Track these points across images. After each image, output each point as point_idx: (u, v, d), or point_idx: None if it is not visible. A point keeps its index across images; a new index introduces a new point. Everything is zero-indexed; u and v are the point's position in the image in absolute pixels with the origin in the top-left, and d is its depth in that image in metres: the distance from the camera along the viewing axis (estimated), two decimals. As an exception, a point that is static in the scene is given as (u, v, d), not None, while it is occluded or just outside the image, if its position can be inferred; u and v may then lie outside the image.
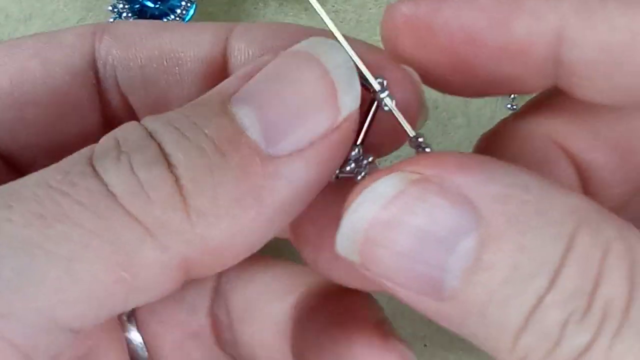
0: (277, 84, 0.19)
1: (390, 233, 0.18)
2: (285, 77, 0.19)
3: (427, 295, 0.17)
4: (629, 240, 0.17)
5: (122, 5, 0.34)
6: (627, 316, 0.16)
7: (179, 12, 0.34)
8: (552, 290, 0.16)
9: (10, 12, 0.36)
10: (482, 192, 0.17)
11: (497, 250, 0.17)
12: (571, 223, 0.17)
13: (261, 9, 0.36)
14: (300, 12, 0.36)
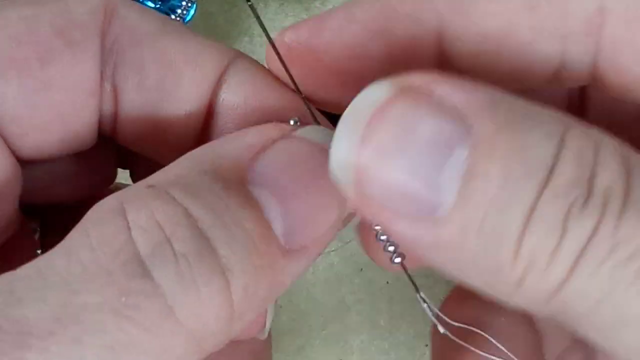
0: (298, 178, 0.19)
1: (382, 148, 0.17)
2: (306, 172, 0.19)
3: (423, 219, 0.17)
4: (615, 139, 0.17)
5: (122, 5, 0.34)
6: (629, 197, 0.16)
7: (179, 12, 0.34)
8: (549, 185, 0.16)
9: (10, 13, 0.36)
10: (470, 100, 0.17)
11: (489, 157, 0.16)
12: (560, 124, 0.17)
13: (262, 10, 0.36)
14: (300, 12, 0.36)
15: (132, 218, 0.17)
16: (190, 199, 0.18)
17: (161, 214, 0.18)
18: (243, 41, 0.36)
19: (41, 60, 0.21)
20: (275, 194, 0.19)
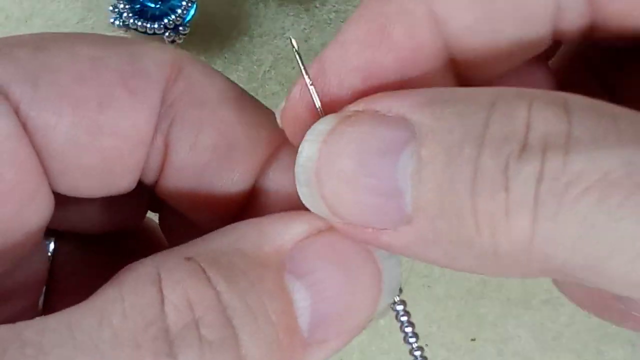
0: (335, 274, 0.19)
1: (336, 164, 0.18)
2: (344, 269, 0.20)
3: (395, 226, 0.18)
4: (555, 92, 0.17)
5: (122, 5, 0.34)
6: (570, 136, 0.16)
7: (179, 12, 0.34)
8: (483, 149, 0.16)
9: (10, 12, 0.36)
10: (411, 104, 0.18)
11: (431, 144, 0.17)
12: (492, 94, 0.17)
13: (262, 9, 0.36)
14: (300, 12, 0.36)
15: (167, 293, 0.18)
16: (225, 284, 0.18)
17: (194, 293, 0.18)
18: (243, 41, 0.36)
19: (99, 103, 0.21)
20: (309, 287, 0.19)
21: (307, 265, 0.19)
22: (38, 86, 0.20)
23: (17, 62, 0.21)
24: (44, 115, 0.20)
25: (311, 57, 0.36)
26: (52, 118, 0.20)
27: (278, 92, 0.35)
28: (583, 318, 0.34)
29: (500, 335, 0.34)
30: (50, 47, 0.21)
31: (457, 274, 0.34)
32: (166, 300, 0.18)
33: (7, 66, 0.20)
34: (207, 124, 0.22)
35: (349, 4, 0.36)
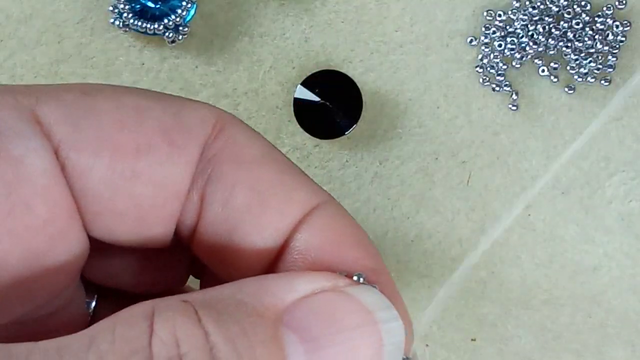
0: (332, 332, 0.19)
1: None
2: (342, 332, 0.19)
3: None
4: None
5: (122, 5, 0.34)
6: None
7: (179, 12, 0.34)
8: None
9: (10, 13, 0.35)
10: None
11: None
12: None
13: (262, 10, 0.36)
14: (301, 12, 0.36)
15: (157, 328, 0.18)
16: (215, 326, 0.18)
17: (182, 331, 0.18)
18: (243, 41, 0.36)
19: (137, 150, 0.21)
20: (304, 342, 0.19)
21: (305, 321, 0.19)
22: (80, 129, 0.21)
23: (64, 104, 0.21)
24: (82, 157, 0.21)
25: (311, 57, 0.36)
26: (90, 160, 0.21)
27: (278, 92, 0.35)
28: (583, 318, 0.34)
29: (501, 335, 0.34)
30: (96, 94, 0.22)
31: (457, 274, 0.34)
32: (154, 334, 0.18)
33: (54, 107, 0.21)
34: (243, 182, 0.22)
35: (349, 4, 0.36)
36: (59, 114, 0.21)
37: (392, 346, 0.20)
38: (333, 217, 0.23)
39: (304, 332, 0.19)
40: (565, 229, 0.34)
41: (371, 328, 0.20)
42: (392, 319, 0.20)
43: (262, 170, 0.23)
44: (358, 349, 0.19)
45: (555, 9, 0.35)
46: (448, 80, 0.35)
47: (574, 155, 0.35)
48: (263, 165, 0.23)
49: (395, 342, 0.20)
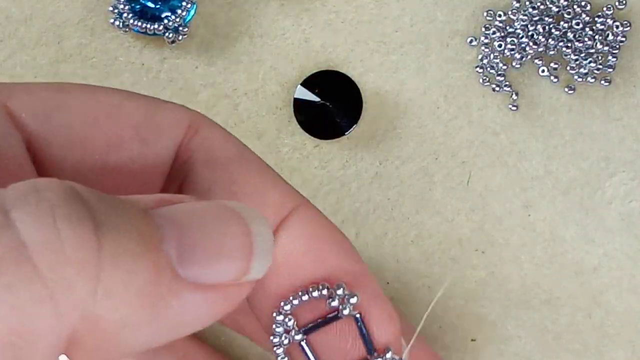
0: (203, 220, 0.19)
1: None
2: (213, 219, 0.19)
3: None
4: None
5: (122, 5, 0.34)
6: None
7: (179, 12, 0.34)
8: None
9: (10, 13, 0.36)
10: None
11: None
12: None
13: (262, 10, 0.36)
14: (301, 12, 0.36)
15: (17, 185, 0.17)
16: (85, 188, 0.18)
17: (45, 181, 0.17)
18: (243, 41, 0.36)
19: (108, 146, 0.22)
20: (173, 221, 0.19)
21: (174, 210, 0.19)
22: (51, 122, 0.21)
23: (37, 98, 0.21)
24: (53, 150, 0.21)
25: (311, 57, 0.36)
26: (60, 153, 0.21)
27: (278, 93, 0.35)
28: (584, 318, 0.34)
29: (501, 336, 0.34)
30: (71, 90, 0.22)
31: (457, 274, 0.34)
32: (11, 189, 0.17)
33: (27, 101, 0.21)
34: (218, 184, 0.22)
35: (349, 5, 0.36)
36: (32, 107, 0.21)
37: (262, 244, 0.20)
38: (311, 221, 0.23)
39: (175, 218, 0.19)
40: (565, 229, 0.34)
41: (240, 221, 0.20)
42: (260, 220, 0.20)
43: (237, 172, 0.23)
44: (225, 234, 0.19)
45: (555, 9, 0.35)
46: (448, 81, 0.35)
47: (574, 155, 0.35)
48: (238, 167, 0.23)
49: (265, 241, 0.20)
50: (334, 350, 0.23)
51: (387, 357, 0.23)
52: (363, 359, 0.23)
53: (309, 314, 0.23)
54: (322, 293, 0.23)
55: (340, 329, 0.23)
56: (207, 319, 0.19)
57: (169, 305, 0.18)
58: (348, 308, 0.23)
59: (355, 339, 0.23)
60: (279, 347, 0.23)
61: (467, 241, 0.35)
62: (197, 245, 0.19)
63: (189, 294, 0.18)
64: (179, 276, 0.18)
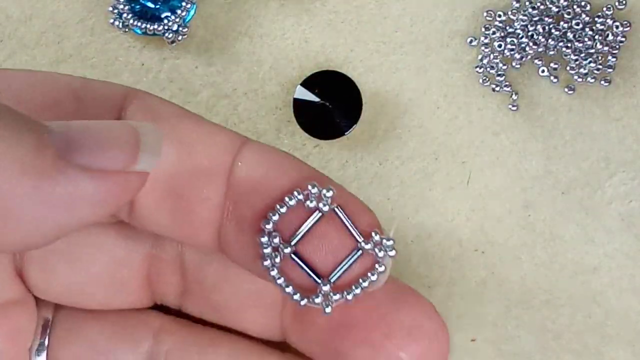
0: (91, 123, 0.21)
1: None
2: (100, 122, 0.21)
3: None
4: None
5: (122, 5, 0.34)
6: None
7: (179, 12, 0.34)
8: None
9: (10, 13, 0.36)
10: None
11: None
12: None
13: (262, 10, 0.36)
14: (301, 12, 0.36)
15: None
16: None
17: None
18: (243, 41, 0.36)
19: (44, 107, 0.23)
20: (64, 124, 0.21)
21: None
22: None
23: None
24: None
25: (311, 58, 0.36)
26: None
27: (278, 93, 0.35)
28: (583, 318, 0.34)
29: (500, 336, 0.34)
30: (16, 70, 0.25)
31: (457, 275, 0.34)
32: None
33: None
34: (166, 135, 0.23)
35: (349, 5, 0.36)
36: None
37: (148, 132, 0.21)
38: (261, 149, 0.24)
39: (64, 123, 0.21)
40: (565, 229, 0.34)
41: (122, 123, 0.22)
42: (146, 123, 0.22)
43: (180, 124, 0.24)
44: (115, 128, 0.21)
45: (555, 9, 0.35)
46: (448, 81, 0.35)
47: (574, 156, 0.35)
48: (181, 121, 0.24)
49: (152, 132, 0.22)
50: (324, 253, 0.23)
51: (376, 239, 0.23)
52: (353, 250, 0.23)
53: (291, 227, 0.23)
54: (298, 199, 0.23)
55: (324, 228, 0.23)
56: (99, 203, 0.21)
57: (54, 180, 0.20)
58: (327, 204, 0.23)
59: (341, 233, 0.23)
60: (272, 268, 0.23)
61: (467, 241, 0.35)
62: (84, 138, 0.20)
63: (75, 174, 0.20)
64: (65, 157, 0.20)
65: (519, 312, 0.34)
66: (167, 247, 0.27)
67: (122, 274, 0.27)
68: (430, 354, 0.26)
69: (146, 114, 0.24)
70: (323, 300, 0.23)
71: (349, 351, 0.25)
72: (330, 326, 0.25)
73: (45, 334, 0.27)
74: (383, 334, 0.25)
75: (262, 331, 0.27)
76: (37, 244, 0.21)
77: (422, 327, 0.26)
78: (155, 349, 0.27)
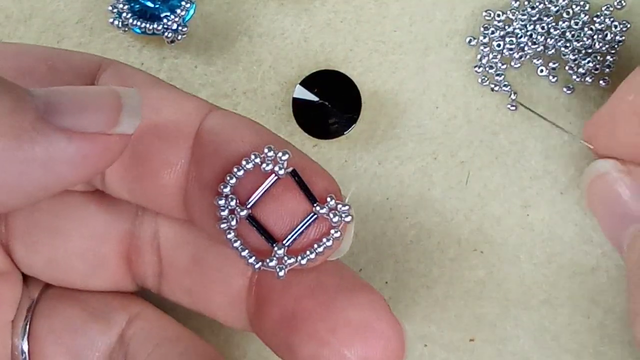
0: (73, 88, 0.22)
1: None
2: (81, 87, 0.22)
3: None
4: None
5: (122, 5, 0.34)
6: None
7: (178, 12, 0.34)
8: None
9: (10, 12, 0.36)
10: None
11: None
12: None
13: (261, 9, 0.36)
14: (300, 12, 0.36)
15: None
16: None
17: None
18: (242, 41, 0.36)
19: (17, 75, 0.24)
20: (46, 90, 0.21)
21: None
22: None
23: None
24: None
25: (310, 57, 0.36)
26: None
27: (277, 92, 0.35)
28: (582, 319, 0.34)
29: (499, 336, 0.34)
30: None
31: (456, 274, 0.34)
32: None
33: None
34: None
35: (348, 4, 0.36)
36: None
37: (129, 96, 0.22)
38: (226, 115, 0.25)
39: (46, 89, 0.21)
40: (564, 229, 0.34)
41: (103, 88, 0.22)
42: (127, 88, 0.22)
43: (151, 91, 0.24)
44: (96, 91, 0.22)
45: (553, 8, 0.35)
46: (447, 80, 0.35)
47: (573, 156, 0.35)
48: (151, 88, 0.25)
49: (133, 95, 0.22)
50: (280, 216, 0.23)
51: (331, 203, 0.23)
52: (308, 215, 0.23)
53: (248, 190, 0.23)
54: (255, 162, 0.23)
55: (279, 191, 0.23)
56: (79, 164, 0.21)
57: (34, 141, 0.20)
58: (283, 168, 0.23)
59: (297, 196, 0.23)
60: (229, 231, 0.23)
61: (466, 241, 0.35)
62: (64, 100, 0.21)
63: (54, 135, 0.20)
64: (44, 119, 0.20)
65: (518, 312, 0.34)
66: (145, 225, 0.27)
67: (101, 250, 0.27)
68: (378, 354, 0.25)
69: (119, 81, 0.25)
70: (277, 263, 0.23)
71: (297, 345, 0.25)
72: (283, 318, 0.25)
73: (30, 313, 0.28)
74: (329, 329, 0.24)
75: (230, 319, 0.27)
76: (18, 203, 0.21)
77: (371, 326, 0.25)
78: (126, 332, 0.28)
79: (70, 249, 0.27)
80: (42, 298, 0.28)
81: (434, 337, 0.34)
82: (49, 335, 0.27)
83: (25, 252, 0.27)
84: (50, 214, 0.27)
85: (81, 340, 0.27)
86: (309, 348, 0.24)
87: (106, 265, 0.27)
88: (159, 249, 0.27)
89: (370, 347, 0.24)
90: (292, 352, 0.25)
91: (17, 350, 0.27)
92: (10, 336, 0.27)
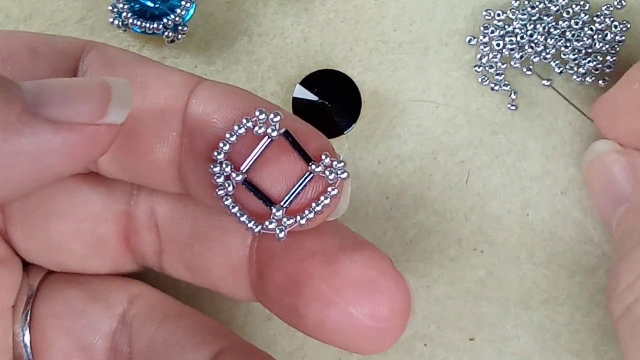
0: (62, 79, 0.22)
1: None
2: (71, 79, 0.22)
3: None
4: None
5: (122, 5, 0.34)
6: None
7: (178, 11, 0.34)
8: None
9: (10, 12, 0.36)
10: None
11: None
12: None
13: (261, 9, 0.36)
14: (300, 11, 0.36)
15: None
16: None
17: None
18: (242, 41, 0.36)
19: (4, 62, 0.24)
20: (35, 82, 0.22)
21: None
22: None
23: None
24: None
25: (310, 57, 0.36)
26: None
27: (277, 92, 0.35)
28: (582, 318, 0.34)
29: (499, 335, 0.34)
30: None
31: (456, 274, 0.34)
32: None
33: None
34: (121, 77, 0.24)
35: (348, 4, 0.36)
36: None
37: (119, 87, 0.22)
38: (215, 86, 0.25)
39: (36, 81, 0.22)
40: (564, 228, 0.34)
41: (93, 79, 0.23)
42: (117, 78, 0.23)
43: (137, 68, 0.25)
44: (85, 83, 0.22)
45: (554, 8, 0.35)
46: (447, 80, 0.35)
47: (573, 155, 0.35)
48: (137, 64, 0.25)
49: (123, 86, 0.22)
50: (276, 177, 0.23)
51: (326, 161, 0.23)
52: (304, 174, 0.23)
53: (242, 155, 0.23)
54: (247, 126, 0.23)
55: (273, 152, 0.23)
56: (68, 155, 0.21)
57: (20, 133, 0.20)
58: (275, 129, 0.23)
59: (291, 157, 0.23)
60: (226, 197, 0.23)
61: (466, 241, 0.35)
62: (52, 92, 0.21)
63: (41, 126, 0.20)
64: (32, 111, 0.20)
65: (518, 312, 0.34)
66: (141, 204, 0.27)
67: (99, 230, 0.27)
68: (385, 310, 0.25)
69: (103, 62, 0.25)
70: (276, 225, 0.23)
71: (303, 308, 0.25)
72: (286, 283, 0.25)
73: (31, 300, 0.28)
74: (333, 289, 0.24)
75: (233, 290, 0.27)
76: (9, 196, 0.21)
77: (376, 283, 0.25)
78: (128, 312, 0.27)
79: (67, 231, 0.27)
80: (42, 285, 0.28)
81: (433, 336, 0.34)
82: (49, 319, 0.27)
83: (23, 237, 0.27)
84: (45, 198, 0.27)
85: (82, 322, 0.27)
86: (315, 310, 0.24)
87: (104, 246, 0.27)
88: (157, 226, 0.27)
89: (377, 303, 0.24)
90: (299, 316, 0.25)
91: (19, 338, 0.27)
92: (12, 323, 0.27)
